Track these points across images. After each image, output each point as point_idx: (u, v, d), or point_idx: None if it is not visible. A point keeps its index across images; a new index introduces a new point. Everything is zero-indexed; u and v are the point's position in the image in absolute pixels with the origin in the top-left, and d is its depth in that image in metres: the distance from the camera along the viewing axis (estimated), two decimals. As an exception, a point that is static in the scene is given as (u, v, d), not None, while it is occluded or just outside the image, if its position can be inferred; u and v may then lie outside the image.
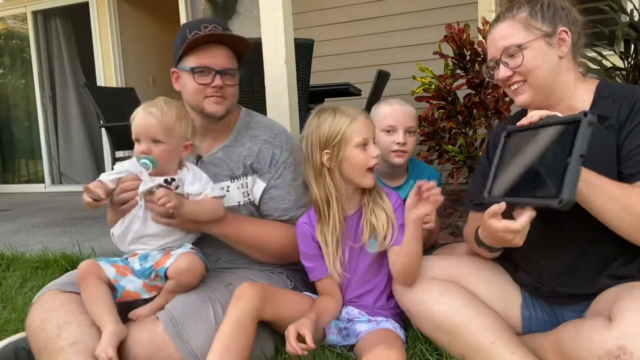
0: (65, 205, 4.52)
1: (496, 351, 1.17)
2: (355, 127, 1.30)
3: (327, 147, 1.30)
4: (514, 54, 1.22)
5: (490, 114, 2.59)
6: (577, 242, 1.19)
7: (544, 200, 1.00)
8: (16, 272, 2.25)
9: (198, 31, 1.42)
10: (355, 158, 1.31)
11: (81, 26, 5.74)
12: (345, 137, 1.29)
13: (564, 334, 1.12)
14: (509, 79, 1.25)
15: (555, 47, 1.21)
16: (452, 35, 2.59)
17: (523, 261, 1.30)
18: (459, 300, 1.25)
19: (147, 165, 1.29)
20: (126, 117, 1.38)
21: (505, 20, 1.25)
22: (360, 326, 1.38)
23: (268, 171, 1.52)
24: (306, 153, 1.34)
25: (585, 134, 0.98)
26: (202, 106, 1.46)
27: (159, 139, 1.31)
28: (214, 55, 1.44)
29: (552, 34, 1.21)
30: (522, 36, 1.21)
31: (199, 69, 1.43)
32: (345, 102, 4.03)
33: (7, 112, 6.42)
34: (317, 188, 1.33)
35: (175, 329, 1.20)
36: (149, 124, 1.31)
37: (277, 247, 1.50)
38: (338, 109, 1.34)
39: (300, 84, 2.39)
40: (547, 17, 1.21)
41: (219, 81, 1.44)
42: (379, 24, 4.21)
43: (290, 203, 1.52)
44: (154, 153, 1.31)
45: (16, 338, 1.36)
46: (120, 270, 1.32)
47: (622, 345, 0.96)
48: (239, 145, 1.54)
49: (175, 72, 1.51)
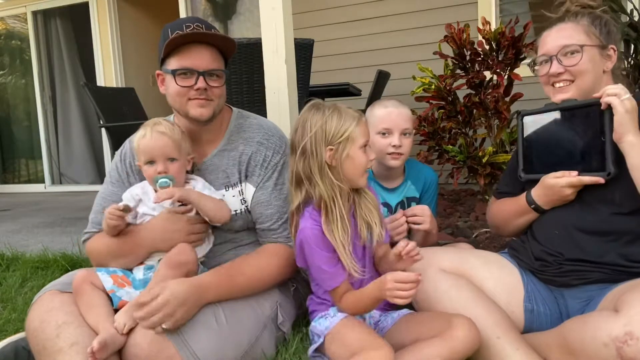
0: (65, 205, 4.52)
1: (501, 346, 1.19)
2: (360, 128, 1.32)
3: (332, 144, 1.30)
4: (573, 53, 1.31)
5: (490, 114, 2.59)
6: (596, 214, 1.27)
7: (591, 174, 1.23)
8: (16, 272, 2.25)
9: (180, 31, 1.37)
10: (358, 158, 1.31)
11: (81, 26, 5.74)
12: (352, 136, 1.30)
13: (569, 327, 1.15)
14: (559, 76, 1.33)
15: (604, 59, 1.33)
16: (452, 35, 2.59)
17: (539, 230, 1.37)
18: (468, 294, 1.28)
19: (168, 184, 1.33)
20: (126, 117, 1.39)
21: (569, 22, 1.36)
22: (385, 320, 1.37)
23: (258, 173, 1.49)
24: (310, 149, 1.30)
25: (610, 115, 1.20)
26: (185, 109, 1.41)
27: (173, 157, 1.35)
28: (197, 56, 1.39)
29: (605, 47, 1.33)
30: (584, 39, 1.31)
31: (181, 71, 1.38)
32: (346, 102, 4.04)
33: (7, 112, 6.42)
34: (322, 184, 1.31)
35: (176, 330, 1.19)
36: (164, 143, 1.34)
37: (272, 277, 1.44)
38: (340, 108, 1.34)
39: (300, 84, 2.39)
40: (603, 32, 1.33)
41: (202, 83, 1.38)
42: (379, 24, 4.21)
43: (275, 209, 1.48)
44: (170, 171, 1.35)
45: (16, 338, 1.36)
46: (117, 281, 1.32)
47: (629, 331, 0.98)
48: (232, 149, 1.51)
49: (160, 75, 1.46)
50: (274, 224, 1.48)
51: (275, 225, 1.48)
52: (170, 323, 1.17)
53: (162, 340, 1.18)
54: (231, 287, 1.33)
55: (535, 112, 1.40)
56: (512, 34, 2.47)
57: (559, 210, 1.33)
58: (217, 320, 1.25)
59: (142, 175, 1.44)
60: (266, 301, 1.41)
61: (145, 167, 1.38)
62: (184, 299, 1.20)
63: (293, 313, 1.52)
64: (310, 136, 1.30)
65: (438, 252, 1.40)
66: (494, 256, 1.45)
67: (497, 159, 2.52)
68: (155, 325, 1.17)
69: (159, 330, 1.17)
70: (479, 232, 2.36)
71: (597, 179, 1.23)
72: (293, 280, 1.58)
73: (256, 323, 1.34)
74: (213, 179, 1.49)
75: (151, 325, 1.17)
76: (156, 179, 1.34)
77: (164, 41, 1.38)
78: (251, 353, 1.29)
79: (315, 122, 1.30)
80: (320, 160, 1.29)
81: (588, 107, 1.27)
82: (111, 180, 1.53)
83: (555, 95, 1.36)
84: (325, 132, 1.29)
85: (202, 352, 1.18)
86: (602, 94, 1.22)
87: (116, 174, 1.53)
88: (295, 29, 2.09)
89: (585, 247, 1.26)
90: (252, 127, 1.55)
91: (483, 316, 1.23)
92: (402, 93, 3.19)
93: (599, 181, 1.22)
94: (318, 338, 1.29)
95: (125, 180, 1.51)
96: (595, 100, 1.24)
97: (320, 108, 1.33)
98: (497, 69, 2.51)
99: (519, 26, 2.53)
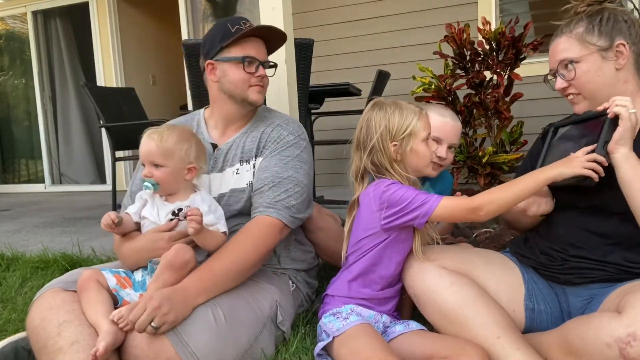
0: (65, 205, 4.52)
1: (501, 346, 1.19)
2: (422, 122, 1.36)
3: (396, 140, 1.34)
4: (568, 67, 1.31)
5: (490, 113, 2.59)
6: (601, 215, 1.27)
7: (578, 179, 1.20)
8: (16, 272, 2.25)
9: (238, 26, 1.51)
10: (422, 151, 1.37)
11: (81, 26, 5.74)
12: (414, 131, 1.34)
13: (570, 327, 1.14)
14: (565, 90, 1.35)
15: (611, 60, 1.28)
16: (452, 35, 2.59)
17: (545, 228, 1.37)
18: (470, 292, 1.28)
19: (149, 188, 1.36)
20: (126, 117, 1.40)
21: (563, 35, 1.34)
22: (394, 327, 1.36)
23: (269, 148, 1.55)
24: (379, 146, 1.34)
25: (609, 125, 1.18)
26: (246, 94, 1.54)
27: (157, 163, 1.37)
28: (257, 47, 1.55)
29: (609, 47, 1.28)
30: (577, 51, 1.30)
31: (249, 59, 1.51)
32: (346, 102, 4.04)
33: (7, 112, 6.42)
34: (396, 175, 1.34)
35: (174, 330, 1.19)
36: (148, 149, 1.38)
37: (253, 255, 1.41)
38: (401, 104, 1.38)
39: (300, 84, 2.39)
40: (604, 31, 1.28)
41: (263, 71, 1.54)
42: (379, 24, 4.22)
43: (270, 173, 1.49)
44: (154, 176, 1.37)
45: (16, 338, 1.36)
46: (120, 281, 1.33)
47: (632, 332, 0.98)
48: (254, 129, 1.60)
49: (211, 64, 1.55)
50: (264, 186, 1.48)
51: (265, 188, 1.48)
52: (158, 319, 1.15)
53: (161, 341, 1.17)
54: (213, 276, 1.31)
55: (565, 124, 1.40)
56: (512, 34, 2.48)
57: (567, 211, 1.33)
58: (216, 319, 1.24)
59: None
60: (266, 300, 1.41)
61: (142, 168, 1.42)
62: (168, 294, 1.20)
63: (292, 312, 1.52)
64: (377, 134, 1.35)
65: (440, 250, 1.40)
66: (495, 255, 1.45)
67: (497, 159, 2.52)
68: (144, 323, 1.15)
69: (150, 330, 1.16)
70: (479, 232, 2.36)
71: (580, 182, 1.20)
72: (293, 279, 1.58)
73: (255, 322, 1.33)
74: (232, 156, 1.56)
75: (141, 325, 1.15)
76: (143, 180, 1.38)
77: (223, 33, 1.51)
78: (250, 352, 1.29)
79: (379, 120, 1.36)
80: (389, 156, 1.34)
81: (599, 117, 1.25)
82: (139, 168, 1.63)
83: (573, 107, 1.37)
84: (389, 129, 1.34)
85: (202, 352, 1.17)
86: (611, 103, 1.20)
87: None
88: (295, 29, 2.09)
89: (590, 246, 1.26)
90: (275, 114, 1.67)
91: (483, 315, 1.23)
92: (402, 93, 3.20)
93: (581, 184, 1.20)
94: (327, 337, 1.28)
95: None
96: (603, 111, 1.23)
97: (382, 106, 1.38)
98: (497, 69, 2.51)
99: (519, 26, 2.53)
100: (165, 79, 6.20)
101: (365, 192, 1.36)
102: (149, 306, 1.15)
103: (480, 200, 1.23)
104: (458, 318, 1.25)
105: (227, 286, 1.34)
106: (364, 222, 1.35)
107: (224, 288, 1.33)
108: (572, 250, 1.28)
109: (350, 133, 1.44)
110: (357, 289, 1.35)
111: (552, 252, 1.32)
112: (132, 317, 1.15)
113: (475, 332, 1.22)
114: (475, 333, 1.22)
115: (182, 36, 5.13)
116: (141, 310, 1.15)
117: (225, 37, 1.51)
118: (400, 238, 1.33)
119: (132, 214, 1.44)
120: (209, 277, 1.30)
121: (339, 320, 1.28)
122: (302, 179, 1.52)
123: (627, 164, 1.16)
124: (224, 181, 1.55)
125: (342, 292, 1.36)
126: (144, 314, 1.15)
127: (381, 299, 1.37)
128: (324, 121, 3.88)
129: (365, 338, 1.23)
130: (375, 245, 1.33)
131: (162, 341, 1.17)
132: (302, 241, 1.69)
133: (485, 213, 1.22)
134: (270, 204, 1.45)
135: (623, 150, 1.17)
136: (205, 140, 1.58)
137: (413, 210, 1.26)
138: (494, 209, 1.22)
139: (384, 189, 1.29)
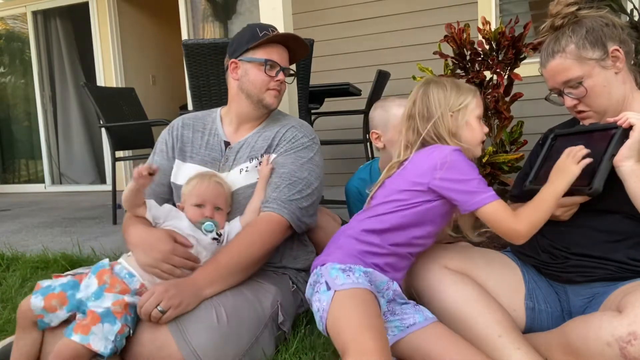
0: (65, 205, 4.52)
1: (502, 345, 1.19)
2: (477, 100, 1.38)
3: (452, 111, 1.34)
4: (575, 86, 1.29)
5: (490, 114, 2.59)
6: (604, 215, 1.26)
7: (578, 188, 1.21)
8: (16, 272, 2.25)
9: (266, 32, 1.57)
10: (476, 127, 1.37)
11: (81, 26, 5.74)
12: (470, 106, 1.35)
13: (571, 327, 1.14)
14: (575, 107, 1.33)
15: (610, 67, 1.27)
16: (452, 35, 2.59)
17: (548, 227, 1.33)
18: (471, 292, 1.29)
19: (213, 228, 1.42)
20: (126, 117, 1.39)
21: (557, 56, 1.30)
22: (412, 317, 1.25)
23: (284, 146, 1.58)
24: (439, 114, 1.33)
25: (619, 137, 1.19)
26: (262, 96, 1.59)
27: (221, 206, 1.46)
28: (280, 53, 1.61)
29: (605, 56, 1.27)
30: (578, 69, 1.28)
31: (271, 62, 1.56)
32: (345, 102, 4.05)
33: (7, 112, 6.42)
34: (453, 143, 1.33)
35: (177, 327, 1.20)
36: (217, 193, 1.46)
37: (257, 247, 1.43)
38: (456, 80, 1.40)
39: (300, 84, 2.39)
40: (594, 42, 1.27)
41: (282, 76, 1.59)
42: (379, 24, 4.22)
43: (287, 169, 1.52)
44: (216, 218, 1.44)
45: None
46: (49, 304, 1.26)
47: (633, 331, 0.98)
48: (268, 130, 1.63)
49: (234, 63, 1.61)
50: (281, 182, 1.51)
51: (282, 184, 1.50)
52: (165, 302, 1.18)
53: (164, 338, 1.18)
54: (220, 269, 1.34)
55: (567, 133, 1.40)
56: (512, 33, 2.47)
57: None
58: (219, 318, 1.25)
59: (184, 144, 1.64)
60: (267, 300, 1.41)
61: (192, 208, 1.43)
62: (175, 282, 1.26)
63: (293, 313, 1.53)
64: (436, 104, 1.34)
65: (443, 250, 1.40)
66: (496, 254, 1.46)
67: (497, 159, 2.52)
68: (151, 306, 1.18)
69: (156, 314, 1.18)
70: (479, 232, 2.36)
71: (580, 191, 1.22)
72: (294, 279, 1.58)
73: (257, 322, 1.34)
74: (242, 155, 1.59)
75: (148, 308, 1.18)
76: (203, 221, 1.41)
77: (251, 36, 1.58)
78: (251, 352, 1.29)
79: (437, 91, 1.36)
80: (448, 126, 1.33)
81: (607, 130, 1.25)
82: (155, 151, 1.70)
83: (581, 121, 1.36)
84: (447, 98, 1.35)
85: (203, 350, 1.18)
86: (623, 117, 1.20)
87: (161, 145, 1.68)
88: (295, 29, 2.09)
89: (592, 243, 1.26)
90: (289, 118, 1.71)
91: (484, 314, 1.24)
92: (402, 93, 3.20)
93: (581, 193, 1.21)
94: (327, 288, 1.17)
95: (169, 149, 1.66)
96: (611, 125, 1.23)
97: (438, 81, 1.40)
98: (497, 69, 2.51)
99: (519, 26, 2.53)
100: (165, 79, 6.20)
101: (422, 151, 1.30)
102: (157, 290, 1.20)
103: (526, 227, 1.18)
104: (460, 316, 1.26)
105: (234, 279, 1.37)
106: (412, 174, 1.27)
107: (231, 281, 1.36)
108: (574, 248, 1.28)
109: (350, 133, 1.45)
110: (390, 238, 1.25)
111: (554, 251, 1.32)
112: (140, 302, 1.20)
113: (477, 331, 1.23)
114: (476, 332, 1.23)
115: (182, 36, 5.13)
116: (149, 295, 1.20)
117: (252, 39, 1.57)
118: (444, 210, 1.27)
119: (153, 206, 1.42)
120: (216, 270, 1.34)
121: (349, 278, 1.17)
122: (314, 182, 1.56)
123: (635, 176, 1.16)
124: (234, 179, 1.56)
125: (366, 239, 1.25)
126: (151, 298, 1.19)
127: (401, 258, 1.28)
128: (324, 121, 3.88)
129: (364, 306, 1.13)
130: (416, 204, 1.24)
131: (165, 337, 1.18)
132: (305, 242, 1.70)
133: (523, 240, 1.20)
134: (284, 201, 1.48)
135: (629, 162, 1.17)
136: (219, 137, 1.64)
137: (464, 192, 1.19)
138: (530, 235, 1.21)
139: (450, 151, 1.24)
